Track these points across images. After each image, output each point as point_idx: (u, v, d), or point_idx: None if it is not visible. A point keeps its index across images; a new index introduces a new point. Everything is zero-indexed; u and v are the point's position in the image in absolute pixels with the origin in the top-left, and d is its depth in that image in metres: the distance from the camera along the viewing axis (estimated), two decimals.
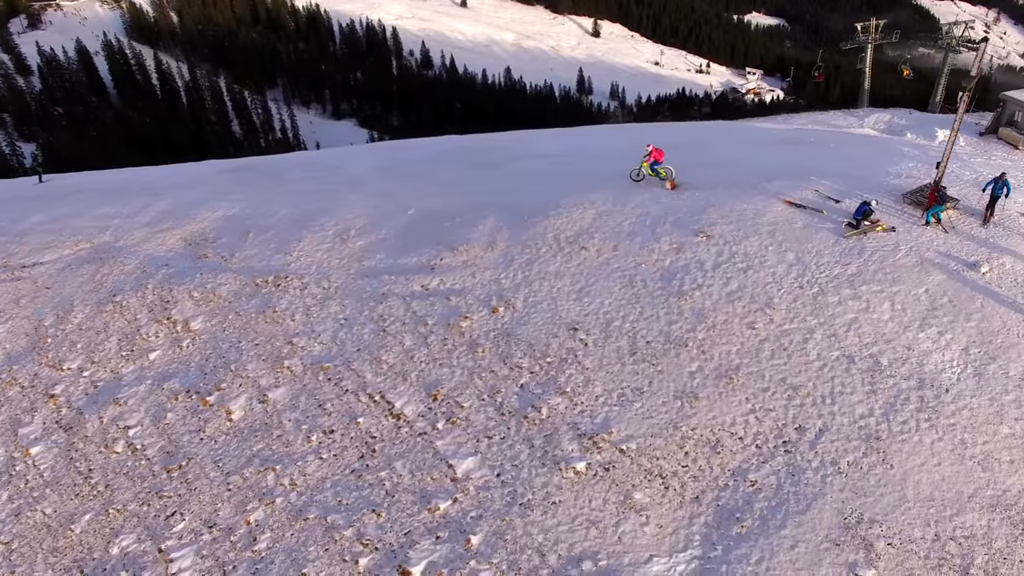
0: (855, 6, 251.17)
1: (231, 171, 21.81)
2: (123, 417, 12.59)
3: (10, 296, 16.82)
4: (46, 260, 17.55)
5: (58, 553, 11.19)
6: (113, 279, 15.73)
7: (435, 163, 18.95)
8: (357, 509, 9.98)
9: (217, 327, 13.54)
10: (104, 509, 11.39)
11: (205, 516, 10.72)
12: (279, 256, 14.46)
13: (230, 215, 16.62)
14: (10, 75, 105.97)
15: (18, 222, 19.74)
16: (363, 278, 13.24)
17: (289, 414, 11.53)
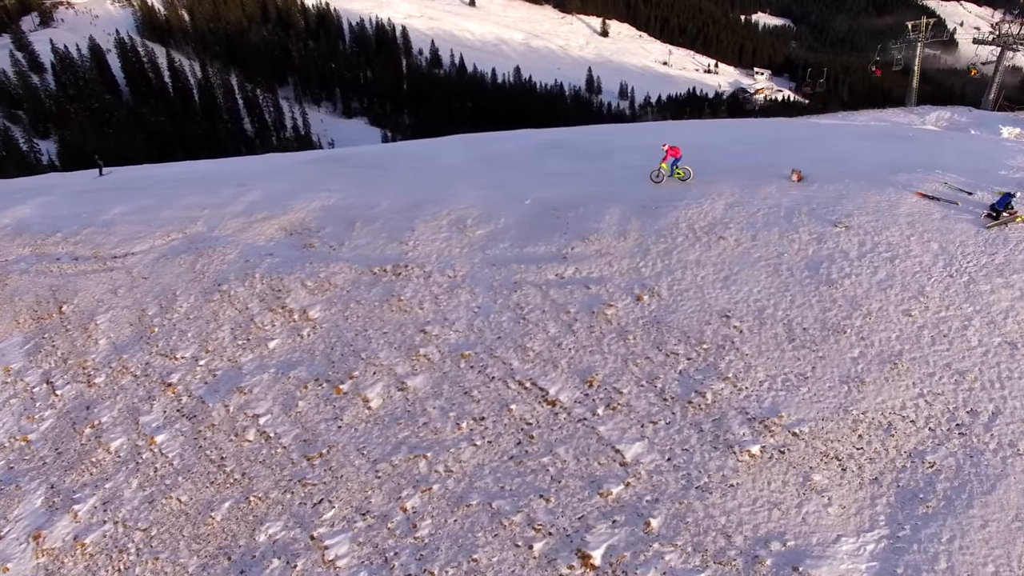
0: (860, 6, 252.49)
1: (314, 163, 21.50)
2: (250, 405, 12.34)
3: (106, 286, 16.60)
4: (137, 250, 17.32)
5: (201, 540, 10.95)
6: (215, 269, 15.49)
7: (536, 154, 18.68)
8: (523, 495, 9.76)
9: (338, 316, 13.28)
10: (244, 497, 11.14)
11: (356, 504, 10.48)
12: (393, 245, 14.19)
13: (329, 205, 16.36)
14: (24, 73, 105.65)
15: (101, 213, 19.50)
16: (490, 267, 12.98)
17: (433, 402, 11.30)
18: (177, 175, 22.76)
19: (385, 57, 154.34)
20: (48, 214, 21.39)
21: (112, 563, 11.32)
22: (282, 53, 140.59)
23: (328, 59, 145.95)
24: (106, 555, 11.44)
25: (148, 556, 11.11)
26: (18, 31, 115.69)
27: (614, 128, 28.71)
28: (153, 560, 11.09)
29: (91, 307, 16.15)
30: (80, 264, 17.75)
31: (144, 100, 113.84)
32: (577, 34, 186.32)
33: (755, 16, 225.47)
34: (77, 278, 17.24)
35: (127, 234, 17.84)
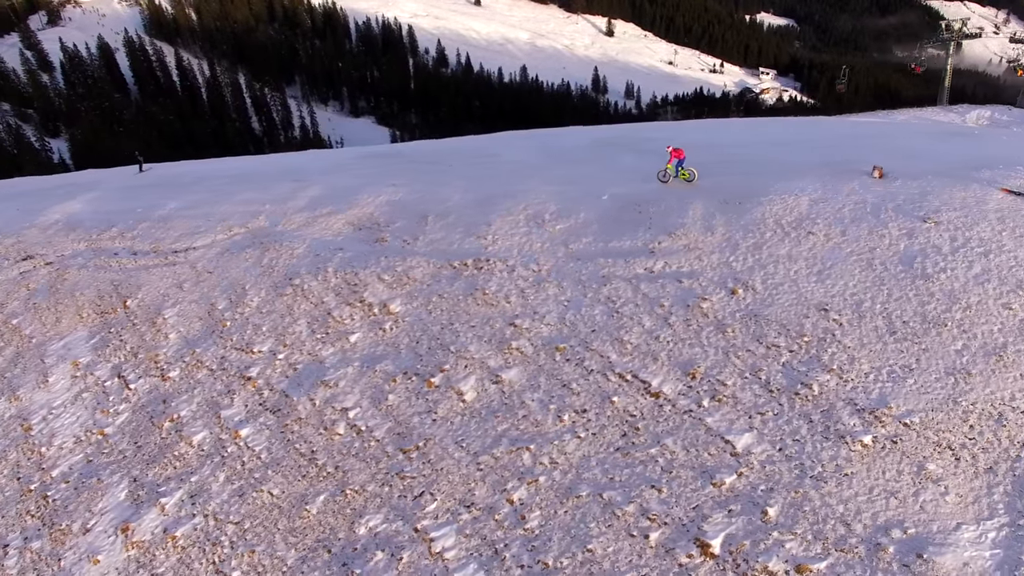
0: (863, 6, 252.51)
1: (370, 158, 21.42)
2: (337, 399, 12.26)
3: (170, 281, 16.53)
4: (199, 245, 17.25)
5: (297, 533, 10.87)
6: (284, 263, 15.40)
7: (597, 150, 18.65)
8: (634, 485, 9.71)
9: (420, 309, 13.20)
10: (340, 490, 11.06)
11: (459, 496, 10.41)
12: (471, 240, 14.11)
13: (395, 200, 16.26)
14: (34, 71, 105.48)
15: (155, 208, 19.43)
16: (575, 261, 12.89)
17: (531, 394, 11.23)
18: (221, 171, 22.69)
19: (392, 56, 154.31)
20: (99, 209, 21.36)
21: (206, 556, 11.26)
22: (289, 52, 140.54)
23: (335, 58, 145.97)
24: (199, 548, 11.37)
25: (243, 549, 11.04)
26: (27, 30, 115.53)
27: (666, 125, 28.36)
28: (249, 553, 11.03)
29: (157, 301, 16.09)
30: (140, 259, 17.69)
31: (152, 99, 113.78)
32: (582, 34, 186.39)
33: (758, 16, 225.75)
34: (139, 273, 17.18)
35: (186, 229, 17.78)
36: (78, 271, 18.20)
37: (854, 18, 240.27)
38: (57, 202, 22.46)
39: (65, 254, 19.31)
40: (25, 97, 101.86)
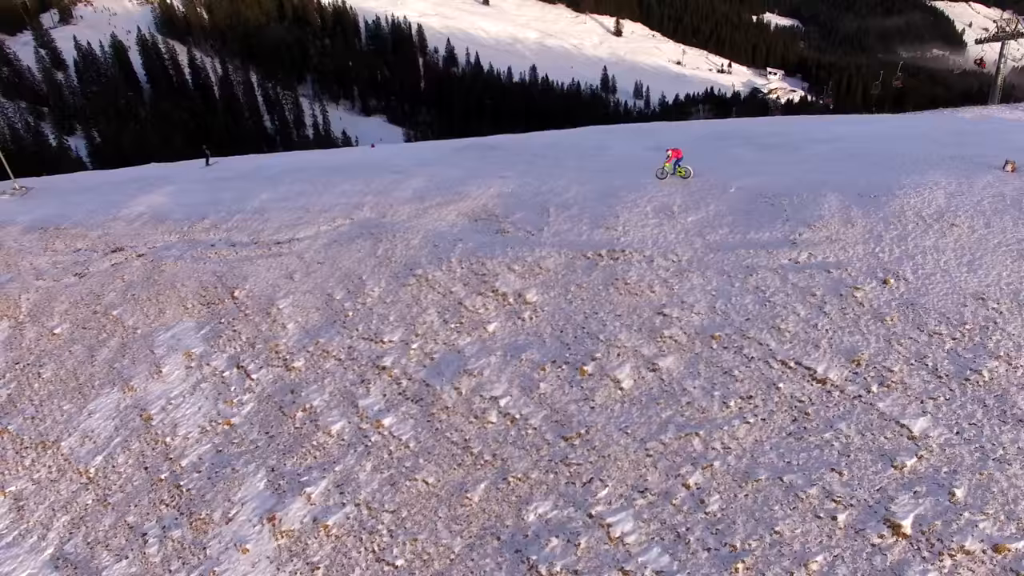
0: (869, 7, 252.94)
1: (466, 150, 21.30)
2: (484, 388, 12.20)
3: (278, 271, 16.44)
4: (302, 236, 17.16)
5: (461, 521, 10.81)
6: (401, 254, 15.32)
7: (713, 144, 18.57)
8: (813, 469, 9.68)
9: (559, 299, 13.14)
10: (502, 478, 11.01)
11: (631, 482, 10.36)
12: (600, 231, 14.05)
13: (508, 192, 16.22)
14: (48, 69, 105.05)
15: (246, 200, 19.36)
16: (714, 252, 12.85)
17: (691, 382, 11.20)
18: (299, 164, 22.57)
19: (401, 55, 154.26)
20: (183, 202, 21.28)
21: (363, 545, 11.19)
22: (300, 51, 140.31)
23: (345, 57, 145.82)
24: (355, 537, 11.30)
25: (404, 537, 10.97)
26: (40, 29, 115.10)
27: (765, 121, 27.52)
28: (411, 541, 10.96)
29: (267, 292, 16.01)
30: (241, 250, 17.61)
31: (165, 97, 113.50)
32: (591, 33, 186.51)
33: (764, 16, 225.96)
34: (242, 264, 17.10)
35: (285, 220, 17.70)
36: (175, 263, 18.13)
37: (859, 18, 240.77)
38: (136, 195, 22.38)
39: (157, 246, 19.24)
40: (40, 95, 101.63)
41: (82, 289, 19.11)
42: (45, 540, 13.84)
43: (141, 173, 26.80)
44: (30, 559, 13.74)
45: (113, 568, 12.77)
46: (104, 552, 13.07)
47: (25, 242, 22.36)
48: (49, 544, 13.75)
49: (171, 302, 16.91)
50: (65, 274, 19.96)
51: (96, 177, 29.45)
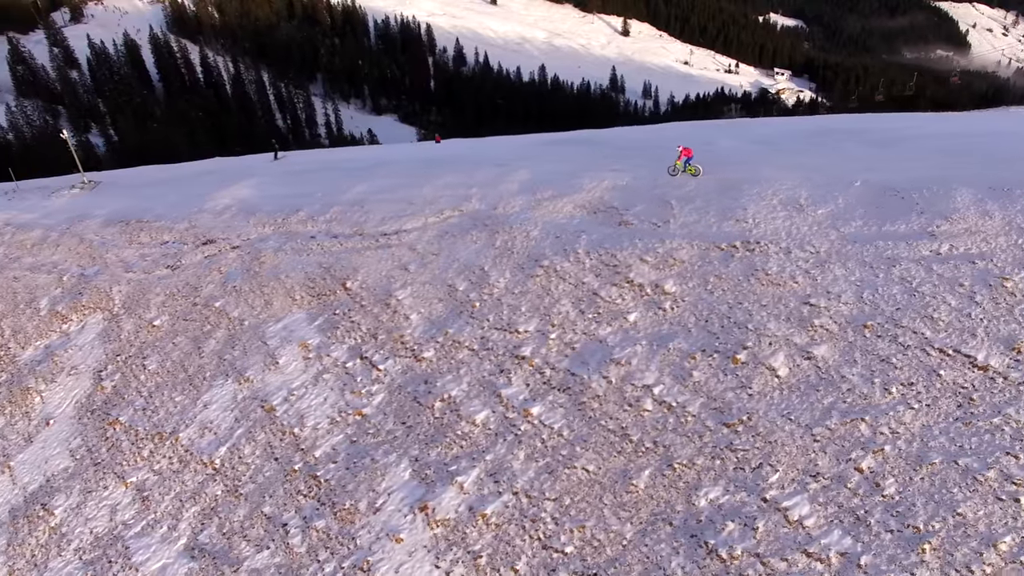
0: (872, 7, 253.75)
1: (566, 144, 21.31)
2: (635, 377, 12.11)
3: (391, 263, 16.32)
4: (409, 228, 17.06)
5: (628, 508, 10.73)
6: (522, 245, 15.20)
7: (822, 140, 18.45)
8: (988, 452, 9.64)
9: (698, 289, 13.07)
10: (667, 464, 10.93)
11: (801, 467, 10.29)
12: (729, 223, 13.99)
13: (623, 185, 16.15)
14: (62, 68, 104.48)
15: (341, 192, 19.24)
16: (852, 244, 12.80)
17: (849, 369, 11.15)
18: (384, 158, 22.50)
19: (411, 54, 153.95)
20: (269, 194, 21.17)
21: (527, 532, 11.10)
22: (311, 50, 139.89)
23: (355, 56, 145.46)
24: (517, 525, 11.22)
25: (571, 525, 10.89)
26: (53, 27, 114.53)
27: (862, 118, 27.19)
28: (578, 528, 10.89)
29: (382, 283, 15.90)
30: (345, 241, 17.50)
31: (178, 95, 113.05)
32: (598, 33, 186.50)
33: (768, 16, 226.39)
34: (349, 255, 16.99)
35: (388, 212, 17.59)
36: (274, 254, 18.01)
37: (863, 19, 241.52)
38: (216, 189, 22.27)
39: (251, 238, 19.12)
40: (54, 93, 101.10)
41: (177, 281, 19.00)
42: (176, 530, 13.75)
43: (207, 167, 26.67)
44: (163, 549, 13.64)
45: (255, 558, 12.67)
46: (242, 542, 12.97)
47: (107, 235, 22.25)
48: (181, 534, 13.66)
49: (277, 294, 16.81)
50: (156, 267, 19.86)
51: (160, 172, 29.30)
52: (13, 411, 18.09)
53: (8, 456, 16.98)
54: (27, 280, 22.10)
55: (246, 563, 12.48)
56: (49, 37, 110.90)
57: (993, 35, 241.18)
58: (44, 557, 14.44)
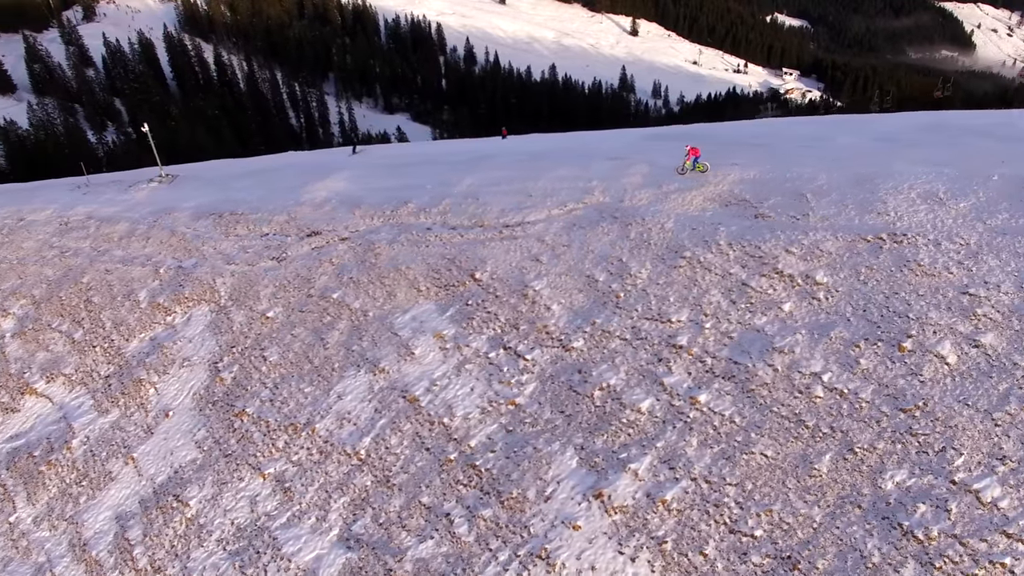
0: (877, 8, 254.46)
1: (664, 139, 21.26)
2: (800, 365, 12.14)
3: (521, 254, 16.21)
4: (533, 220, 17.04)
5: (812, 492, 10.72)
6: (658, 237, 15.14)
7: (945, 135, 18.44)
8: None
9: (851, 280, 13.10)
10: (847, 449, 10.95)
11: (986, 450, 10.30)
12: (871, 216, 14.08)
13: (750, 178, 16.21)
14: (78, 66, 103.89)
15: (450, 185, 19.23)
16: (1001, 236, 12.91)
17: (1021, 357, 11.17)
18: (483, 151, 22.45)
19: (422, 54, 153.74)
20: (369, 187, 21.10)
21: (711, 517, 11.10)
22: (323, 49, 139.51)
23: (366, 55, 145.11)
24: (699, 510, 11.23)
25: (756, 509, 10.91)
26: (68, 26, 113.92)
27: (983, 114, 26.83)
28: (765, 512, 10.90)
29: (514, 274, 15.85)
30: (465, 233, 17.46)
31: (193, 94, 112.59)
32: (607, 33, 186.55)
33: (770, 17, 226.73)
34: (473, 247, 16.95)
35: (506, 204, 17.57)
36: (389, 246, 17.98)
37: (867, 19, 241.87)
38: (310, 182, 22.20)
39: (360, 229, 19.08)
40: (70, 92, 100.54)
41: (286, 273, 18.94)
42: (326, 521, 13.70)
43: (282, 161, 26.68)
44: (315, 539, 13.58)
45: (419, 548, 12.64)
46: (402, 532, 12.93)
47: (200, 228, 22.18)
48: (332, 525, 13.60)
49: (400, 285, 16.78)
50: (260, 258, 19.80)
51: (231, 166, 29.19)
52: (128, 403, 18.06)
53: (129, 448, 16.94)
54: (120, 273, 22.04)
55: (409, 552, 12.46)
56: (63, 36, 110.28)
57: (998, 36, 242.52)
58: (184, 547, 14.41)
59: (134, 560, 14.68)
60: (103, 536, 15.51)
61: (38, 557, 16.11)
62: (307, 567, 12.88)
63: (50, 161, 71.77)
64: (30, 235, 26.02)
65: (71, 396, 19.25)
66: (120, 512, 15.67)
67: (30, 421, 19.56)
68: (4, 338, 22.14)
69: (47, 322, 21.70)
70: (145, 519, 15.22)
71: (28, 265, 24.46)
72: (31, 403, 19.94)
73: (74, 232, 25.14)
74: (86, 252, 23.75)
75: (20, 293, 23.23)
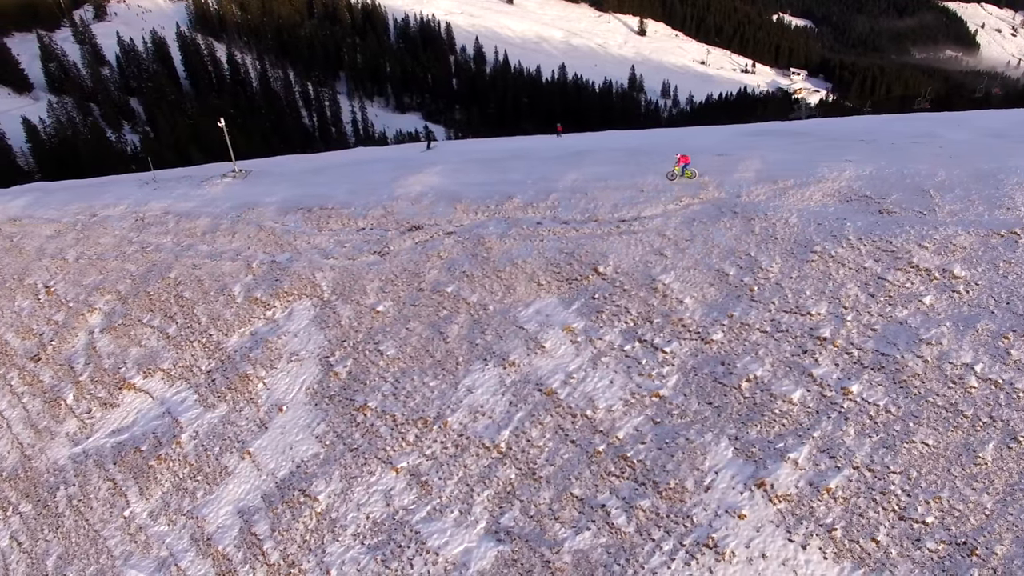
0: (881, 8, 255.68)
1: (760, 135, 21.60)
2: (950, 356, 12.23)
3: (642, 248, 16.33)
4: (648, 214, 17.19)
5: (980, 479, 10.80)
6: (783, 231, 15.24)
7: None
8: None
9: (990, 273, 13.16)
10: (1010, 438, 10.98)
11: None
12: (1000, 211, 14.25)
13: (866, 175, 16.35)
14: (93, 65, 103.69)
15: (551, 179, 19.35)
16: None
17: None
18: (560, 148, 22.59)
19: (432, 53, 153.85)
20: (465, 182, 21.17)
21: (878, 505, 11.16)
22: (334, 48, 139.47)
23: (377, 54, 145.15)
24: (866, 498, 11.33)
25: (925, 496, 11.01)
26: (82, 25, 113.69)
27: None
28: (934, 500, 11.00)
29: (639, 268, 15.95)
30: (580, 228, 17.53)
31: (206, 93, 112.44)
32: (615, 32, 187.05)
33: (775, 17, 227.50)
34: (591, 241, 17.02)
35: (618, 199, 17.68)
36: (500, 240, 18.08)
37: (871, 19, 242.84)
38: (401, 176, 22.27)
39: (464, 224, 19.19)
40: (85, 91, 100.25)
41: (391, 267, 19.02)
42: (471, 514, 13.77)
43: (353, 157, 26.73)
44: (460, 533, 13.65)
45: (576, 539, 12.71)
46: (555, 524, 13.02)
47: (289, 223, 22.24)
48: (478, 518, 13.66)
49: (519, 279, 16.90)
50: (360, 253, 19.87)
51: (300, 162, 29.22)
52: (235, 397, 18.12)
53: (244, 443, 16.99)
54: (209, 268, 22.09)
55: (566, 544, 12.56)
56: (76, 35, 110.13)
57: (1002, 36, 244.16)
58: (318, 542, 14.43)
59: (265, 555, 14.71)
60: (227, 531, 15.54)
61: (159, 551, 16.17)
62: (456, 560, 12.97)
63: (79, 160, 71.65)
64: (106, 231, 26.08)
65: (172, 391, 19.31)
66: (242, 507, 15.70)
67: (131, 416, 19.64)
68: (93, 333, 22.24)
69: (136, 317, 21.78)
70: (271, 514, 15.24)
71: (108, 261, 24.53)
72: (130, 398, 20.03)
73: (153, 227, 25.20)
74: (168, 247, 23.80)
75: (104, 289, 23.31)
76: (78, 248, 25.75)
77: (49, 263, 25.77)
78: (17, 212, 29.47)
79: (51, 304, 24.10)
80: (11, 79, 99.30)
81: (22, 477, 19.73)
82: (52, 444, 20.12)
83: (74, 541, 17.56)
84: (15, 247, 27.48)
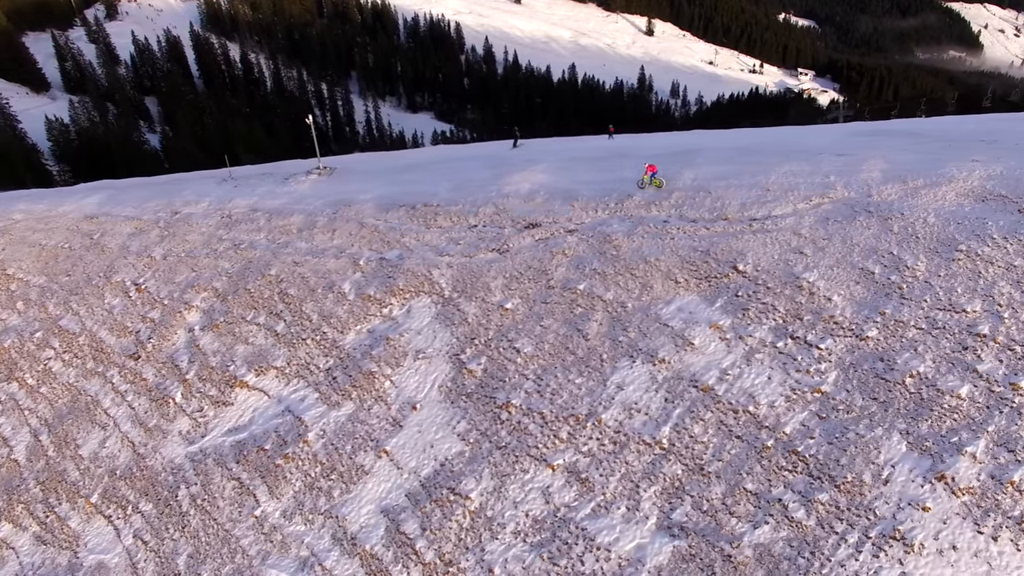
0: (884, 8, 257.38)
1: (874, 135, 21.78)
2: None
3: (781, 247, 16.45)
4: (779, 213, 17.37)
5: None
6: (923, 231, 15.37)
7: None
8: None
9: None
10: None
11: None
12: None
13: (998, 174, 16.53)
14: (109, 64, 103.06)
15: (670, 179, 19.50)
16: None
17: None
18: (679, 145, 22.81)
19: (443, 53, 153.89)
20: (576, 180, 21.24)
21: None
22: (344, 48, 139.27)
23: (388, 54, 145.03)
24: None
25: None
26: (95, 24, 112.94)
27: None
28: None
29: (779, 266, 16.04)
30: (710, 226, 17.65)
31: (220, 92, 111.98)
32: (623, 33, 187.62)
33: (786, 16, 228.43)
34: (725, 239, 17.11)
35: (745, 198, 17.86)
36: (627, 238, 18.21)
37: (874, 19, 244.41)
38: (505, 174, 22.41)
39: (585, 221, 19.29)
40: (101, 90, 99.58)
41: (514, 264, 19.12)
42: (639, 510, 13.90)
43: (438, 154, 26.79)
44: (631, 529, 13.77)
45: (754, 533, 12.83)
46: (731, 519, 13.18)
47: (392, 220, 22.32)
48: (648, 514, 13.78)
49: (655, 276, 17.06)
50: (476, 250, 19.97)
51: (384, 159, 29.23)
52: (362, 395, 18.19)
53: (379, 441, 17.03)
54: (312, 265, 22.14)
55: (746, 538, 12.72)
56: (89, 34, 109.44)
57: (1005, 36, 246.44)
58: (475, 540, 14.44)
59: (418, 554, 14.73)
60: (373, 530, 15.52)
61: (299, 551, 16.15)
62: (629, 556, 13.11)
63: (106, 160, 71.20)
64: (192, 228, 26.07)
65: (289, 389, 19.34)
66: (385, 506, 15.71)
67: (247, 415, 19.64)
68: (194, 331, 22.22)
69: (239, 315, 21.79)
70: (419, 512, 15.26)
71: (199, 258, 24.52)
72: (243, 396, 20.02)
73: (242, 225, 25.21)
74: (263, 244, 23.82)
75: (199, 286, 23.29)
76: (164, 245, 25.71)
77: (135, 260, 25.73)
78: (93, 210, 29.40)
79: (144, 302, 24.07)
80: (29, 78, 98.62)
81: (138, 476, 19.74)
82: (165, 443, 20.13)
83: (204, 540, 17.58)
84: (96, 244, 27.43)
